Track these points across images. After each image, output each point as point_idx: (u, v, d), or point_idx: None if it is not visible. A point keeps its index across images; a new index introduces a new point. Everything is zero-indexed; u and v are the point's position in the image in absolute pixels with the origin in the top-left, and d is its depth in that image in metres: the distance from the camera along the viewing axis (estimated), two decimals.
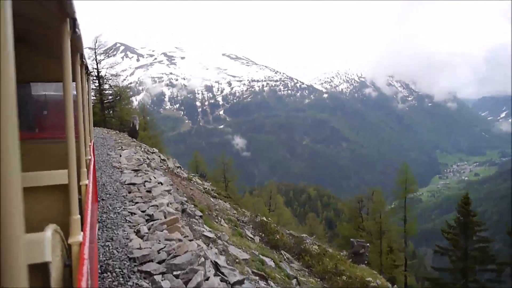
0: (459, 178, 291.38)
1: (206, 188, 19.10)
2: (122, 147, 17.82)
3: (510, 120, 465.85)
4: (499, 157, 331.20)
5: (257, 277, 7.76)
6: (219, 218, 13.05)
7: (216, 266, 5.97)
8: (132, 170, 12.29)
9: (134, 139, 23.99)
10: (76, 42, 3.31)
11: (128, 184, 10.49)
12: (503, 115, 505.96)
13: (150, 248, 5.87)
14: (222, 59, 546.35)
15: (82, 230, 2.68)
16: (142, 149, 19.20)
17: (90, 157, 5.08)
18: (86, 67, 5.74)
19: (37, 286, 2.12)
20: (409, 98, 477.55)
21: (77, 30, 2.87)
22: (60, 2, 2.45)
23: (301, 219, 74.84)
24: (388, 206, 44.01)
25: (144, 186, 10.28)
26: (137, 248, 5.85)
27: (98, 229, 6.75)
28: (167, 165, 18.63)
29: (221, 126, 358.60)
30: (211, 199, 16.53)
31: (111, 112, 37.51)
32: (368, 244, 25.34)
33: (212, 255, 6.24)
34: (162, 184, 10.99)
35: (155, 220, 7.50)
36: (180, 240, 6.31)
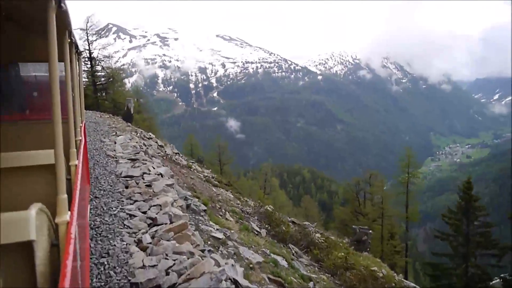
0: (451, 160, 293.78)
1: (207, 176, 18.10)
2: (116, 132, 16.45)
3: (503, 101, 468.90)
4: (491, 139, 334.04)
5: (275, 285, 6.83)
6: (223, 210, 12.09)
7: (236, 285, 4.95)
8: (129, 159, 11.12)
9: (129, 124, 22.75)
10: (62, 19, 3.16)
11: (124, 177, 9.31)
12: (496, 97, 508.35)
13: (157, 265, 4.79)
14: (216, 40, 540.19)
15: (70, 210, 2.71)
16: (138, 134, 17.97)
17: (80, 138, 5.12)
18: (76, 46, 5.67)
19: (22, 264, 2.13)
20: (404, 80, 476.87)
21: (62, 5, 2.80)
22: None
23: (295, 201, 74.70)
24: (385, 188, 43.46)
25: (143, 179, 9.12)
26: (140, 267, 4.75)
27: (91, 239, 5.79)
28: (165, 151, 17.65)
29: (215, 108, 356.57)
30: (213, 188, 15.58)
31: (103, 94, 36.77)
32: (370, 231, 24.71)
33: (230, 270, 5.20)
34: (162, 175, 9.90)
35: (159, 225, 6.39)
36: (192, 254, 5.28)
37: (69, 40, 4.04)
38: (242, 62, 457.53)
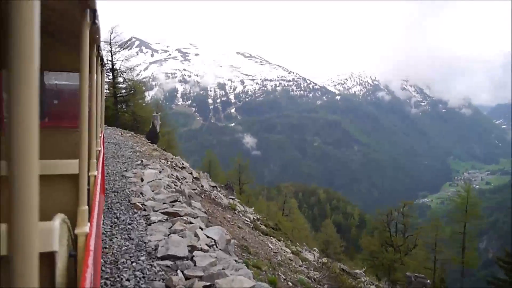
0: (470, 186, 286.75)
1: (253, 219, 15.85)
2: (142, 161, 13.58)
3: None
4: None
5: None
6: (291, 284, 9.75)
7: None
8: (164, 213, 8.07)
9: (155, 145, 20.53)
10: (94, 34, 3.34)
11: (162, 257, 6.01)
12: None
13: None
14: (236, 57, 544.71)
15: (89, 221, 2.74)
16: (169, 163, 15.21)
17: (99, 149, 5.20)
18: (102, 59, 5.82)
19: (42, 275, 2.11)
20: (423, 103, 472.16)
21: (96, 21, 2.94)
22: None
23: (310, 221, 72.90)
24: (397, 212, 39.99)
25: (194, 263, 5.90)
26: None
27: None
28: (202, 186, 15.13)
29: (232, 124, 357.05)
30: (266, 241, 13.29)
31: (124, 107, 35.79)
32: (429, 281, 21.67)
33: None
34: (217, 244, 7.22)
35: None
36: None
37: (96, 53, 4.11)
38: (261, 79, 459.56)
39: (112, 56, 33.80)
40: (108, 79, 33.21)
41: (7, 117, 0.80)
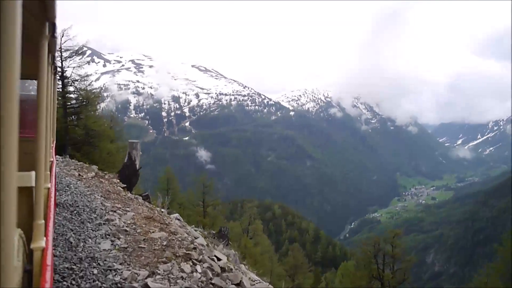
0: (417, 201, 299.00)
1: None
2: (146, 283, 5.07)
3: (466, 146, 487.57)
4: (455, 182, 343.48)
5: None
6: None
7: None
8: None
9: (143, 202, 11.62)
10: (51, 45, 3.40)
11: None
12: (459, 141, 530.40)
13: None
14: (191, 70, 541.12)
15: (44, 235, 2.69)
16: (199, 268, 6.13)
17: (52, 160, 5.10)
18: (55, 67, 5.89)
19: None
20: (373, 121, 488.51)
21: (55, 34, 3.02)
22: (44, 6, 2.53)
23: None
24: (349, 226, 39.10)
25: None
26: None
27: None
28: None
29: (186, 138, 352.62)
30: None
31: (74, 118, 32.58)
32: None
33: None
34: None
35: None
36: None
37: (51, 62, 4.19)
38: (216, 93, 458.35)
39: (62, 62, 31.98)
40: (57, 87, 31.80)
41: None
